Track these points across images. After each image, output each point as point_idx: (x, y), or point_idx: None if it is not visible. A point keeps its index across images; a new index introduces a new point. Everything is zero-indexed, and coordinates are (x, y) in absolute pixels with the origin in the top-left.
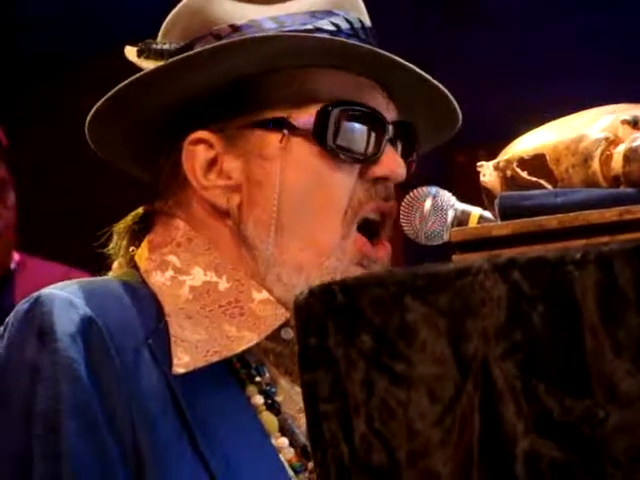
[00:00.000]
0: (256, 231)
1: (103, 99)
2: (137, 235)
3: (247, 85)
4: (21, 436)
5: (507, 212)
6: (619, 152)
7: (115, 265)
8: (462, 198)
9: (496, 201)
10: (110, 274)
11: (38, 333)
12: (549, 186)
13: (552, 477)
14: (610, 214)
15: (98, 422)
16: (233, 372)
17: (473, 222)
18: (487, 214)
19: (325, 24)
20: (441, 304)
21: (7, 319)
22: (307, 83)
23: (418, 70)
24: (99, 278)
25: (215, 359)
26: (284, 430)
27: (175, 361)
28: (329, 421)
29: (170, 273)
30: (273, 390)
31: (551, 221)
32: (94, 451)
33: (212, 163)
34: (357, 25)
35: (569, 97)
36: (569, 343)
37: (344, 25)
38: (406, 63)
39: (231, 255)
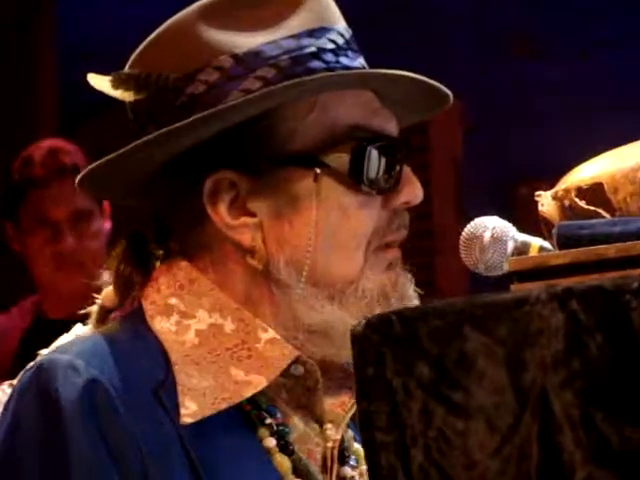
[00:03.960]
0: (287, 270)
1: (107, 158)
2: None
3: (265, 119)
4: None
5: (565, 241)
6: None
7: (106, 294)
8: (525, 230)
9: (554, 230)
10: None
11: (43, 401)
12: (607, 215)
13: None
14: None
15: None
16: (244, 415)
17: (533, 253)
18: (547, 245)
19: (325, 43)
20: (499, 333)
21: (13, 389)
22: (325, 110)
23: (419, 77)
24: (104, 331)
25: (224, 406)
26: (298, 471)
27: (182, 411)
28: (387, 451)
29: (175, 318)
30: (286, 430)
31: (609, 250)
32: None
33: (235, 201)
34: (347, 36)
35: (633, 131)
36: (627, 372)
37: (340, 40)
38: (415, 75)
39: (241, 295)
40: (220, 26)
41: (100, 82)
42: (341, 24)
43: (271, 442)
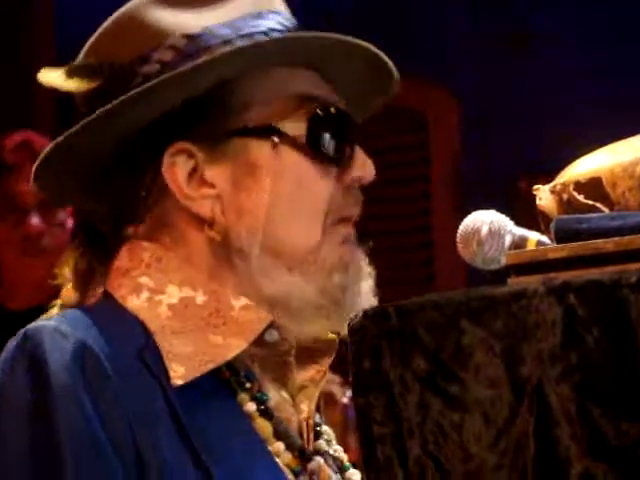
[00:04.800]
0: (247, 240)
1: (65, 136)
2: (96, 264)
3: (221, 92)
4: (20, 476)
5: (563, 235)
6: None
7: (66, 292)
8: (524, 225)
9: (552, 224)
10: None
11: (31, 368)
12: (605, 209)
13: None
14: None
15: (101, 445)
16: (224, 382)
17: (531, 247)
18: (545, 239)
19: (274, 24)
20: (496, 327)
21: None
22: (278, 82)
23: (362, 43)
24: (80, 307)
25: (210, 367)
26: (279, 434)
27: (172, 374)
28: (383, 444)
29: (145, 295)
30: (265, 397)
31: (607, 244)
32: (100, 475)
33: (194, 173)
34: (294, 22)
35: (632, 128)
36: (624, 366)
37: (287, 23)
38: (367, 45)
39: (206, 268)
40: (171, 8)
41: (51, 77)
42: (286, 12)
43: (251, 407)
